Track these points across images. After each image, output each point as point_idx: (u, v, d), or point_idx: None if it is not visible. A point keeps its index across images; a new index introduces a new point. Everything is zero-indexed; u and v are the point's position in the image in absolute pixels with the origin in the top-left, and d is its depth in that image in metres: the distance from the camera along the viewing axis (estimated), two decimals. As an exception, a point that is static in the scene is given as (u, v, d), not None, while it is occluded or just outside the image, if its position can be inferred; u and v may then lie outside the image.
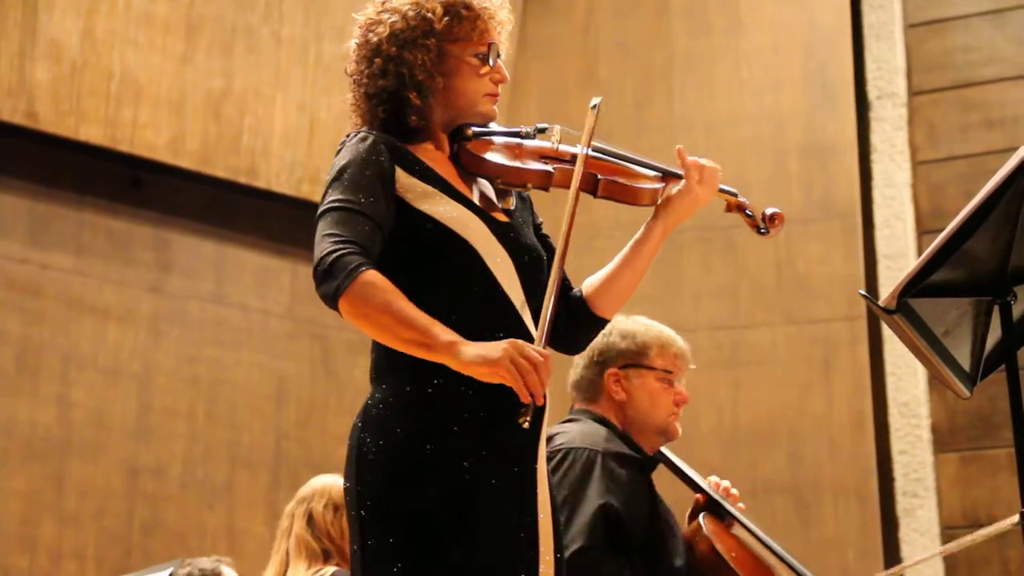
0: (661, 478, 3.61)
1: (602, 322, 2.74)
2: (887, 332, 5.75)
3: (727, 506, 3.48)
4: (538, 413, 2.46)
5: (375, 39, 2.62)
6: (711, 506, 3.50)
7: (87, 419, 5.55)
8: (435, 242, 2.48)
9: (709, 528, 3.41)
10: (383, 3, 2.66)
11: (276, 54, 6.07)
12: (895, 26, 6.25)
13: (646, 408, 3.53)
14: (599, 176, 2.59)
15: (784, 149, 6.24)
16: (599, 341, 3.48)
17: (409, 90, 2.56)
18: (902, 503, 5.81)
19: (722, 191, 2.81)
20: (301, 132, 6.12)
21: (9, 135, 5.47)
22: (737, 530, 3.47)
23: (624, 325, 3.57)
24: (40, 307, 5.53)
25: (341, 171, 2.49)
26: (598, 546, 3.21)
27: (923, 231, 6.01)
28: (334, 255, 2.38)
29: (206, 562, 4.06)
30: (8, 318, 5.46)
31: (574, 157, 2.57)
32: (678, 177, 2.72)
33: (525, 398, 2.27)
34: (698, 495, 3.54)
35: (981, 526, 5.63)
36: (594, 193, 2.59)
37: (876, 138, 6.20)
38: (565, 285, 2.72)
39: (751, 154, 6.26)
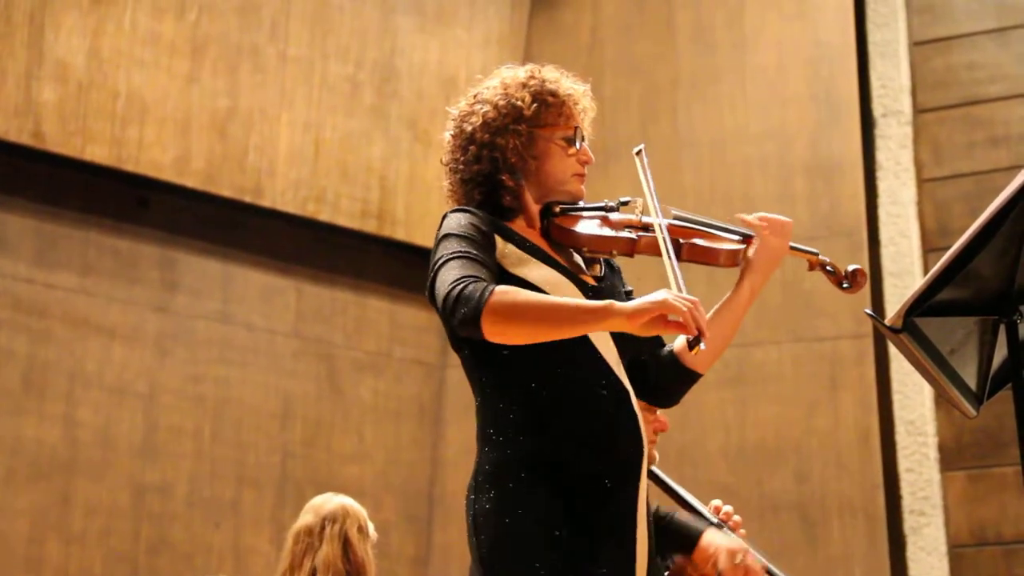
0: (661, 503, 3.60)
1: (696, 376, 2.83)
2: (893, 350, 5.74)
3: (727, 531, 3.46)
4: (641, 457, 2.59)
5: (469, 128, 2.77)
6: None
7: (93, 438, 5.55)
8: None
9: None
10: (475, 96, 2.82)
11: (281, 74, 6.08)
12: (900, 44, 6.26)
13: None
14: (681, 240, 2.71)
15: (789, 167, 6.24)
16: None
17: (502, 173, 2.73)
18: (909, 521, 5.80)
19: (803, 251, 2.89)
20: (306, 151, 6.13)
21: (16, 155, 5.49)
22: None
23: None
24: (46, 326, 5.54)
25: (450, 234, 2.62)
26: None
27: (928, 249, 6.01)
28: (458, 287, 2.48)
29: (212, 581, 4.05)
30: (14, 337, 5.46)
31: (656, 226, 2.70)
32: (751, 237, 2.82)
33: (692, 331, 2.39)
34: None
35: (988, 545, 5.62)
36: (678, 256, 2.69)
37: (881, 156, 6.21)
38: (657, 341, 2.84)
39: (756, 172, 6.26)
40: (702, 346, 2.42)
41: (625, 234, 2.71)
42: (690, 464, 5.91)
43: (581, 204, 2.79)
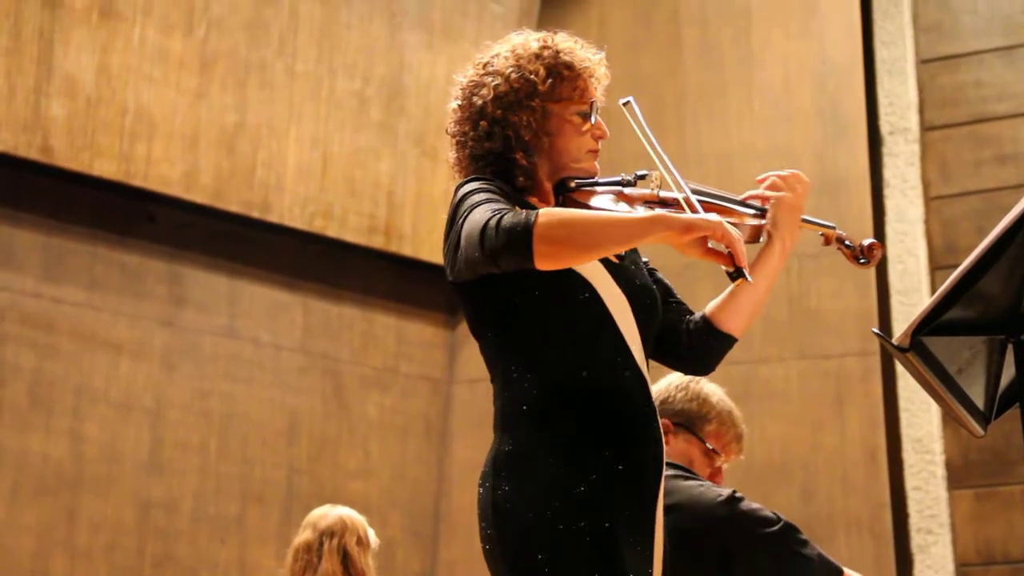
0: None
1: (730, 339, 2.77)
2: (901, 368, 5.73)
3: None
4: (660, 449, 2.55)
5: (479, 101, 2.65)
6: None
7: (99, 453, 5.55)
8: (555, 276, 2.48)
9: None
10: (484, 66, 2.69)
11: (289, 89, 6.10)
12: (907, 62, 6.27)
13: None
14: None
15: (796, 184, 6.23)
16: (665, 389, 3.51)
17: (516, 151, 2.62)
18: (916, 539, 5.78)
19: (819, 224, 2.87)
20: (314, 167, 6.14)
21: (24, 170, 5.50)
22: None
23: (698, 385, 3.53)
24: (53, 341, 5.54)
25: (474, 190, 2.50)
26: None
27: (936, 266, 6.00)
28: (498, 216, 2.32)
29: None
30: (21, 352, 5.47)
31: (675, 201, 2.64)
32: (767, 212, 2.77)
33: (741, 261, 2.32)
34: None
35: (995, 563, 5.60)
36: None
37: (888, 173, 6.21)
38: (683, 308, 2.80)
39: (763, 189, 6.26)
40: (749, 279, 2.35)
41: (644, 210, 2.61)
42: (696, 481, 5.89)
43: (596, 179, 2.70)
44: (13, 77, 5.39)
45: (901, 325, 5.66)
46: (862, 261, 2.90)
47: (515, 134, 2.61)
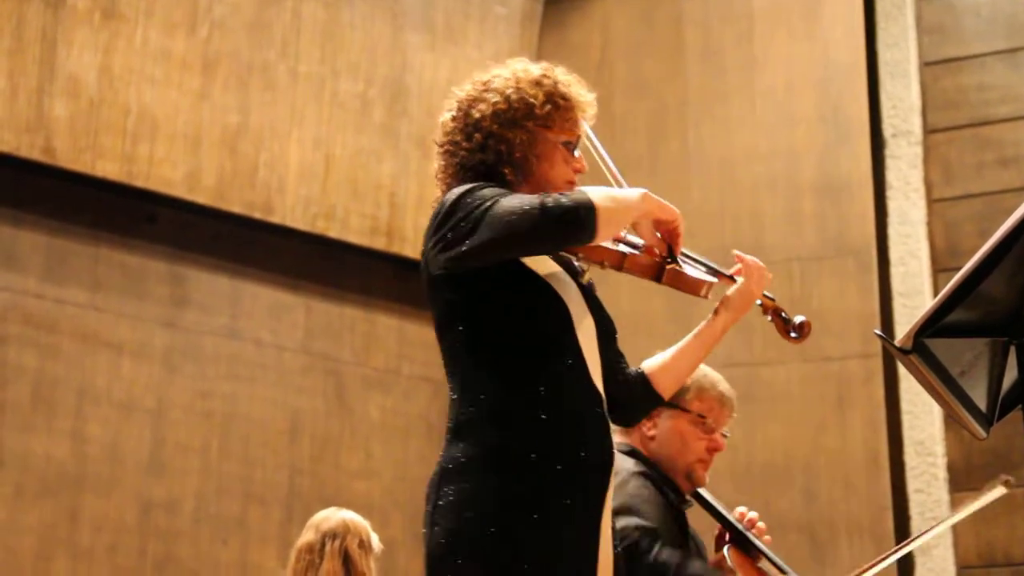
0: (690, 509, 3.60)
1: (660, 400, 2.93)
2: (902, 370, 5.73)
3: (753, 538, 3.45)
4: (609, 465, 2.60)
5: (476, 115, 2.72)
6: (737, 538, 3.47)
7: (101, 454, 5.55)
8: (534, 290, 2.59)
9: (734, 560, 3.39)
10: (484, 83, 2.77)
11: (292, 90, 6.10)
12: (910, 64, 6.27)
13: (674, 449, 3.51)
14: (666, 267, 2.75)
15: (799, 186, 6.24)
16: None
17: (505, 166, 2.69)
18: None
19: (763, 296, 3.03)
20: (316, 168, 6.15)
21: (27, 171, 5.50)
22: (763, 564, 3.44)
23: None
24: (55, 342, 5.54)
25: (475, 187, 2.58)
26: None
27: (938, 269, 6.00)
28: (545, 199, 2.47)
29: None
30: (24, 353, 5.47)
31: (641, 245, 2.75)
32: (730, 279, 2.92)
33: (677, 248, 2.65)
34: (723, 527, 3.51)
35: (997, 566, 5.60)
36: (658, 279, 2.73)
37: (891, 176, 6.21)
38: (620, 357, 2.91)
39: (765, 191, 6.26)
40: (679, 263, 2.61)
41: (613, 247, 2.71)
42: (698, 483, 5.89)
43: None
44: (16, 77, 5.39)
45: (903, 327, 5.66)
46: (793, 335, 3.09)
47: (507, 150, 2.69)
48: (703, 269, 2.84)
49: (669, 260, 2.58)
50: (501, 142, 2.68)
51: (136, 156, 5.66)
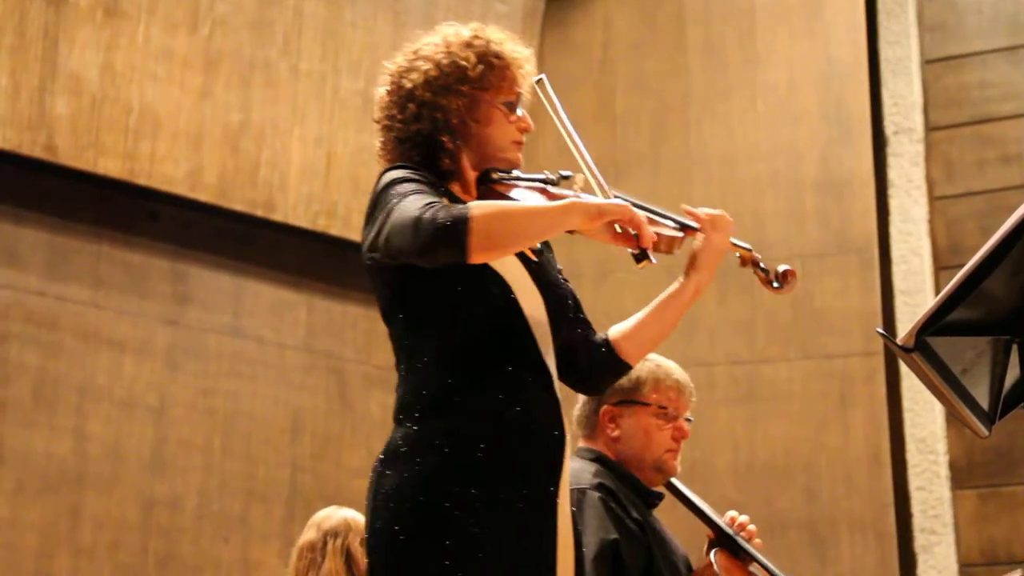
0: (677, 512, 3.59)
1: (626, 367, 2.80)
2: (904, 368, 5.73)
3: (742, 542, 3.44)
4: (562, 445, 2.52)
5: (409, 85, 2.67)
6: (725, 542, 3.46)
7: (103, 451, 5.55)
8: (472, 272, 2.49)
9: (721, 564, 3.37)
10: (414, 52, 2.71)
11: (294, 88, 6.10)
12: (912, 62, 6.26)
13: (641, 445, 3.49)
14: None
15: (800, 184, 6.24)
16: None
17: (443, 134, 2.62)
18: (920, 540, 5.78)
19: (737, 245, 2.85)
20: (318, 166, 6.15)
21: (29, 168, 5.50)
22: (754, 568, 3.43)
23: None
24: (57, 339, 5.55)
25: (399, 179, 2.51)
26: None
27: (940, 266, 6.00)
28: (430, 210, 2.32)
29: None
30: (25, 350, 5.47)
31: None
32: (694, 230, 2.76)
33: (647, 243, 2.39)
34: (711, 531, 3.50)
35: (999, 564, 5.60)
36: (613, 237, 2.57)
37: (893, 173, 6.21)
38: (587, 326, 2.80)
39: (767, 189, 6.27)
40: (653, 261, 2.37)
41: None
42: (699, 481, 5.89)
43: (519, 173, 2.69)
44: (18, 75, 5.39)
45: (905, 325, 5.66)
46: (775, 285, 2.89)
47: (443, 117, 2.62)
48: (667, 223, 2.72)
49: (640, 257, 2.40)
50: (436, 110, 2.62)
51: (138, 154, 5.66)
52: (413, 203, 2.37)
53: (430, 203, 2.35)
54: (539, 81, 2.74)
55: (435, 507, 2.41)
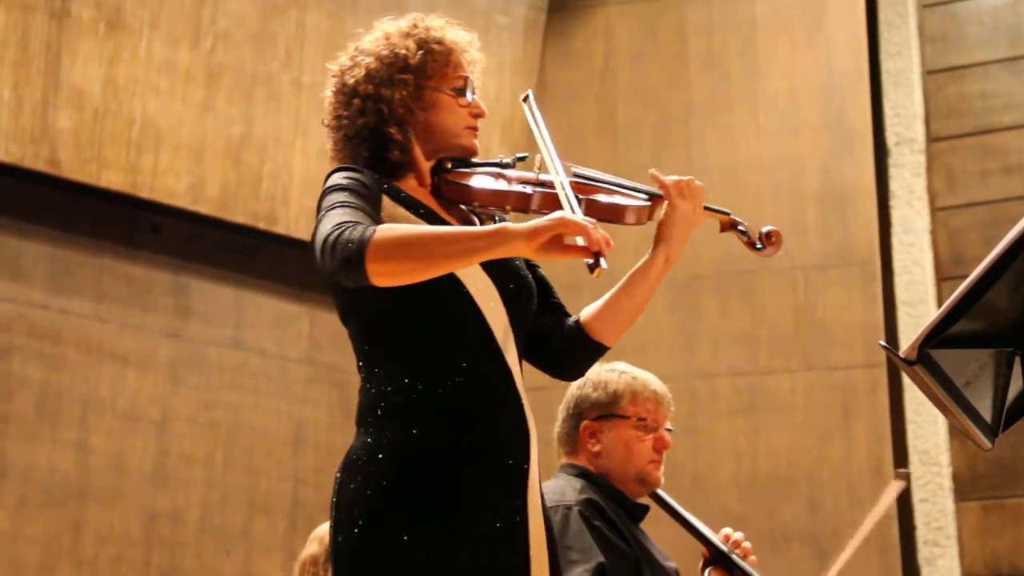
0: (662, 523, 3.58)
1: (601, 348, 2.72)
2: (907, 379, 5.73)
3: (737, 560, 3.42)
4: (527, 444, 2.47)
5: (351, 81, 2.66)
6: (720, 560, 3.44)
7: (105, 465, 5.55)
8: None
9: None
10: (356, 49, 2.70)
11: (296, 101, 6.10)
12: (913, 72, 6.27)
13: (622, 458, 3.48)
14: (581, 197, 2.54)
15: (802, 195, 6.24)
16: (574, 393, 3.51)
17: (389, 125, 2.60)
18: (923, 552, 5.77)
19: (714, 210, 2.81)
20: (320, 178, 6.07)
21: (31, 182, 5.51)
22: None
23: (598, 375, 3.52)
24: (59, 353, 5.55)
25: (333, 187, 2.50)
26: None
27: (942, 277, 6.00)
28: (337, 231, 2.29)
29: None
30: (28, 364, 5.47)
31: (553, 184, 2.54)
32: (661, 198, 2.70)
33: (596, 246, 2.19)
34: (706, 549, 3.48)
35: None
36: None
37: (895, 184, 6.21)
38: (561, 310, 2.74)
39: (769, 200, 6.27)
40: (603, 266, 2.21)
41: (519, 188, 2.57)
42: (702, 493, 5.89)
43: (474, 160, 2.66)
44: (20, 89, 5.40)
45: (908, 336, 5.66)
46: (759, 247, 2.87)
47: (388, 108, 2.60)
48: (635, 195, 2.66)
49: (593, 266, 2.22)
50: (380, 101, 2.60)
51: (140, 167, 5.66)
52: (330, 221, 2.35)
53: (342, 222, 2.31)
54: (525, 98, 2.71)
55: (395, 519, 2.39)
